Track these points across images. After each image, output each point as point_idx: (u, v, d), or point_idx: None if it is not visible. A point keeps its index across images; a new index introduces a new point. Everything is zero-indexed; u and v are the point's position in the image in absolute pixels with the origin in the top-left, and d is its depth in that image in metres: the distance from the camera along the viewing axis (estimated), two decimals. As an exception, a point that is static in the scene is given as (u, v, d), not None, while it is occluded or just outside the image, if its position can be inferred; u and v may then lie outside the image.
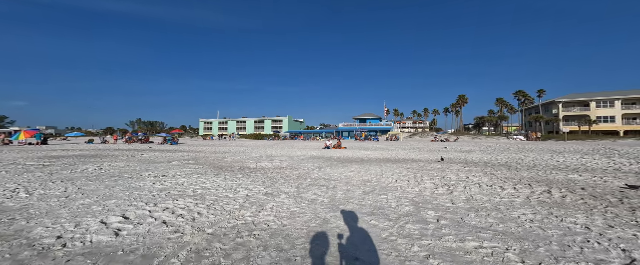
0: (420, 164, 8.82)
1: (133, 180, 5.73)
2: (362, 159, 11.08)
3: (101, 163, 9.65)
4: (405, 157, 11.78)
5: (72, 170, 7.60)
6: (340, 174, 6.44)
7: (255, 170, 7.12)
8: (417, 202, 3.69)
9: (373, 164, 8.88)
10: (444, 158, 10.86)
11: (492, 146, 20.41)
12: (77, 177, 6.37)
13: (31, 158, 11.86)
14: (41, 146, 25.65)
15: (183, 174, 6.48)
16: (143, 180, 5.58)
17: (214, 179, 5.63)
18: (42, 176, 6.61)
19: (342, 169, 7.43)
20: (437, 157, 11.34)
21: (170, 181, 5.41)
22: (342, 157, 12.09)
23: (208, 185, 4.96)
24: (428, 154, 13.08)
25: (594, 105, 48.04)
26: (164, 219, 3.09)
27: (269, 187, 4.77)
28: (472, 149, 16.46)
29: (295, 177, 5.88)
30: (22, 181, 5.88)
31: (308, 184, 4.99)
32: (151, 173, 6.72)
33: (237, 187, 4.81)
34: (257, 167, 7.80)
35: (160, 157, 12.56)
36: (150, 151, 17.05)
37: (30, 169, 8.09)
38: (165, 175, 6.19)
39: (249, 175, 6.14)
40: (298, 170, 7.06)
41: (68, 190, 4.78)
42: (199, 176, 6.07)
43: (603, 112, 47.39)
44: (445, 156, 11.75)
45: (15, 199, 4.21)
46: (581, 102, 49.36)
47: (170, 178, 5.87)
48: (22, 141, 30.39)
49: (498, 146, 19.95)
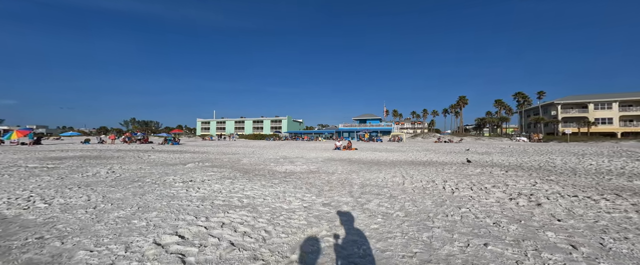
0: (453, 167, 8.40)
1: (159, 186, 5.15)
2: (385, 161, 10.63)
3: (110, 165, 8.99)
4: (428, 158, 11.37)
5: (83, 174, 6.96)
6: (384, 179, 5.90)
7: (287, 175, 6.55)
8: (514, 218, 3.05)
9: (404, 166, 8.43)
10: (469, 160, 10.51)
11: (505, 147, 20.21)
12: (92, 181, 5.75)
13: (31, 159, 11.09)
14: (34, 146, 24.58)
15: (211, 178, 5.89)
16: (172, 187, 5.01)
17: (251, 185, 5.08)
18: (52, 180, 5.97)
19: (378, 172, 6.90)
20: (459, 159, 10.97)
21: (204, 188, 4.85)
22: (361, 158, 11.63)
23: (249, 193, 4.43)
24: (447, 156, 12.71)
25: (592, 106, 48.68)
26: (229, 239, 2.56)
27: (319, 196, 4.24)
28: (488, 151, 16.18)
29: (338, 183, 5.36)
30: (31, 186, 5.25)
31: (360, 192, 4.48)
32: (175, 177, 6.13)
33: (283, 195, 4.28)
34: (285, 171, 7.24)
35: (169, 158, 11.91)
36: (154, 152, 16.32)
37: (35, 172, 7.41)
38: (192, 181, 5.61)
39: (286, 181, 5.60)
40: (334, 175, 6.50)
41: (91, 198, 4.19)
42: (231, 181, 5.50)
43: (601, 114, 48.07)
44: (462, 157, 11.40)
45: (34, 209, 3.62)
46: (579, 103, 49.97)
47: (200, 183, 5.30)
48: (14, 141, 29.16)
49: (511, 147, 19.74)
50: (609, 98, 47.69)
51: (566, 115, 50.37)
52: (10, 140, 28.95)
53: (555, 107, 51.46)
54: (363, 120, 78.57)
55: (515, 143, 31.53)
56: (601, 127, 47.03)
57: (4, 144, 28.49)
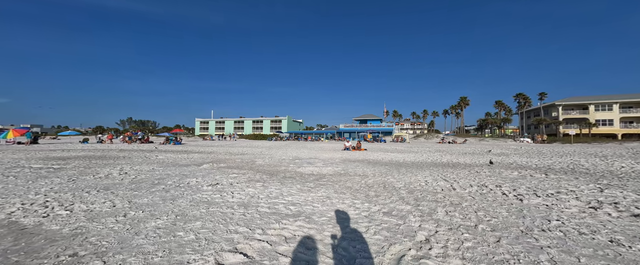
0: (483, 169, 8.04)
1: (186, 189, 4.71)
2: (405, 162, 10.26)
3: (120, 166, 8.49)
4: (447, 160, 11.02)
5: (95, 176, 6.48)
6: (427, 182, 5.41)
7: (317, 177, 6.05)
8: (633, 236, 2.62)
9: (432, 168, 8.03)
10: (492, 162, 10.18)
11: (517, 148, 19.95)
12: (109, 184, 5.29)
13: (33, 159, 10.53)
14: (31, 145, 23.86)
15: (239, 181, 5.41)
16: (200, 191, 4.56)
17: (288, 190, 4.62)
18: (63, 183, 5.50)
19: (413, 175, 6.40)
20: (480, 160, 10.64)
21: (238, 192, 4.39)
22: (378, 159, 11.25)
23: (291, 198, 3.99)
24: (465, 157, 12.38)
25: (593, 108, 48.91)
26: (306, 260, 2.15)
27: (371, 202, 3.75)
28: (503, 152, 15.90)
29: (380, 188, 4.82)
30: (43, 190, 4.78)
31: (413, 198, 4.00)
32: (197, 180, 5.68)
33: (330, 201, 3.82)
34: (312, 173, 6.77)
35: (178, 158, 11.43)
36: (160, 152, 15.79)
37: (41, 173, 6.91)
38: (218, 183, 5.17)
39: (321, 184, 5.11)
40: (367, 178, 6.00)
41: (116, 204, 3.75)
42: (263, 185, 5.04)
43: (601, 115, 48.30)
44: (485, 159, 11.07)
45: (55, 218, 3.18)
46: (580, 105, 50.19)
47: (229, 187, 4.85)
48: (10, 140, 28.34)
49: (523, 149, 19.49)
50: (609, 99, 47.94)
51: (567, 117, 50.55)
52: (6, 139, 28.12)
53: (556, 108, 51.64)
54: (363, 121, 78.25)
55: (521, 144, 31.41)
56: (602, 128, 47.26)
57: (0, 143, 27.69)
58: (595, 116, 48.75)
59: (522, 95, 55.94)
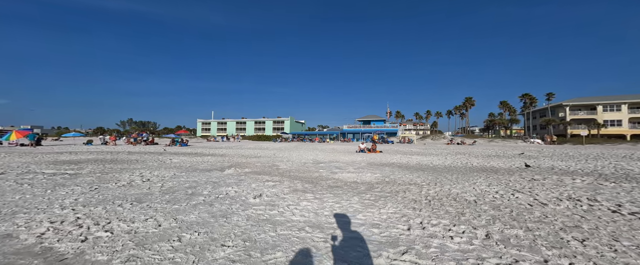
0: (526, 173, 7.52)
1: (229, 202, 4.15)
2: (437, 166, 9.72)
3: (138, 171, 7.96)
4: (479, 163, 10.47)
5: (117, 183, 5.95)
6: (500, 195, 4.68)
7: (368, 187, 5.35)
8: None
9: (476, 175, 7.44)
10: (529, 165, 9.66)
11: (535, 150, 19.40)
12: (138, 195, 4.75)
13: (42, 163, 9.99)
14: (35, 148, 23.32)
15: (282, 192, 4.80)
16: (248, 204, 3.99)
17: (348, 204, 3.97)
18: (86, 192, 4.97)
19: (469, 184, 5.71)
20: (512, 163, 10.10)
21: (294, 207, 3.79)
22: (404, 163, 10.70)
23: (363, 217, 3.33)
24: (493, 160, 11.83)
25: (601, 108, 48.39)
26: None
27: (467, 224, 3.12)
28: (528, 154, 15.37)
29: (450, 201, 4.20)
30: (67, 202, 4.25)
31: (510, 218, 3.29)
32: (236, 189, 5.13)
33: (414, 222, 3.18)
34: (354, 180, 6.11)
35: (194, 162, 10.88)
36: (170, 155, 15.26)
37: (57, 180, 6.38)
38: (261, 194, 4.63)
39: (379, 196, 4.44)
40: (422, 187, 5.28)
41: (160, 222, 3.20)
42: (316, 197, 4.41)
43: (610, 116, 47.79)
44: (518, 162, 10.54)
45: (97, 243, 2.64)
46: (588, 105, 49.68)
47: (278, 199, 4.26)
48: (13, 142, 27.83)
49: (544, 150, 18.94)
50: (618, 100, 47.44)
51: (574, 117, 50.04)
52: (9, 141, 27.61)
53: (563, 108, 51.14)
54: (367, 122, 77.67)
55: (533, 145, 30.89)
56: (610, 129, 46.73)
57: (2, 145, 27.19)
58: (604, 117, 48.23)
59: (528, 95, 55.44)
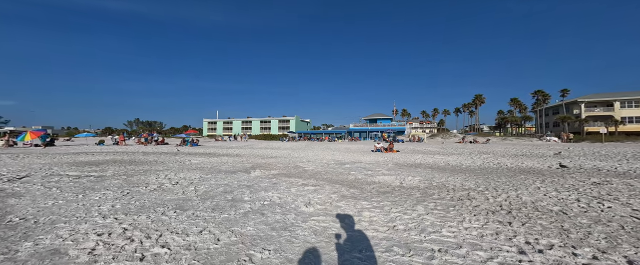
0: (573, 175, 7.03)
1: (281, 210, 3.80)
2: (471, 167, 9.26)
3: (164, 173, 7.70)
4: (513, 163, 9.96)
5: (147, 187, 5.68)
6: (580, 203, 4.20)
7: (423, 193, 4.85)
8: None
9: (521, 176, 7.00)
10: (564, 165, 9.13)
11: (560, 148, 18.66)
12: (178, 200, 4.44)
13: (61, 164, 9.84)
14: (51, 148, 23.49)
15: (330, 199, 4.39)
16: (304, 215, 3.62)
17: (418, 214, 3.56)
18: (119, 197, 4.70)
19: (524, 187, 5.29)
20: (544, 164, 9.58)
21: (356, 217, 3.43)
22: (433, 163, 10.26)
23: (448, 233, 2.93)
24: (521, 159, 11.29)
25: (618, 105, 46.84)
26: None
27: (588, 246, 2.61)
28: (548, 153, 14.73)
29: (532, 211, 3.73)
30: (104, 208, 3.97)
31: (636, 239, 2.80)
32: (277, 195, 4.79)
33: (519, 242, 2.72)
34: (399, 185, 5.68)
35: (214, 163, 10.62)
36: (186, 155, 15.08)
37: (84, 183, 6.16)
38: (310, 202, 4.25)
39: (447, 205, 4.03)
40: (480, 193, 4.81)
41: (218, 236, 2.86)
42: (371, 204, 4.07)
43: (628, 112, 46.20)
44: (553, 162, 10.00)
45: (157, 262, 2.33)
46: (604, 101, 48.13)
47: (333, 208, 3.91)
48: (27, 142, 28.20)
49: (569, 149, 18.20)
50: (636, 96, 45.79)
51: (590, 114, 48.55)
52: (24, 141, 27.98)
53: (578, 105, 49.67)
54: (373, 120, 76.94)
55: (551, 144, 29.97)
56: (629, 126, 45.20)
57: (17, 145, 27.56)
58: (621, 113, 46.66)
59: (541, 92, 53.99)
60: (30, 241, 2.84)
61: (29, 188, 5.72)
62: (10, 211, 4.07)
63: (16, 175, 7.35)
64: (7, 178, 6.84)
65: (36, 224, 3.40)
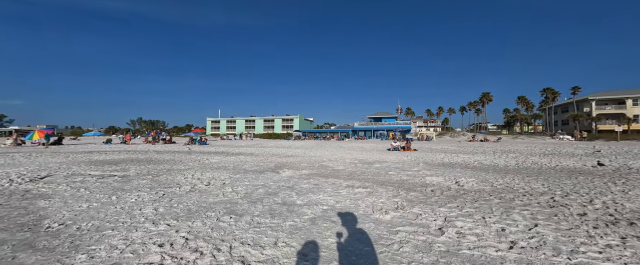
0: (630, 174, 6.56)
1: (350, 218, 3.39)
2: (508, 167, 8.83)
3: (190, 173, 7.32)
4: (549, 163, 9.50)
5: (179, 187, 5.31)
6: None
7: (502, 199, 4.29)
8: None
9: (575, 179, 6.57)
10: (602, 163, 8.66)
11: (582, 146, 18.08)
12: (221, 203, 4.05)
13: (81, 164, 9.48)
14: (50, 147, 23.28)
15: (399, 205, 3.91)
16: (391, 226, 3.17)
17: (521, 226, 3.06)
18: (157, 199, 4.32)
19: (630, 195, 4.53)
20: (581, 163, 9.11)
21: (451, 232, 2.90)
22: (463, 162, 9.82)
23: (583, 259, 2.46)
24: (552, 158, 10.81)
25: (631, 102, 45.88)
26: None
27: None
28: (575, 152, 14.21)
29: None
30: (148, 213, 3.59)
31: None
32: (327, 197, 4.38)
33: None
34: (465, 188, 5.18)
35: (235, 162, 10.23)
36: (199, 153, 14.74)
37: (112, 183, 5.80)
38: (383, 209, 3.79)
39: (552, 215, 3.47)
40: (580, 200, 4.18)
41: (300, 249, 2.47)
42: (463, 212, 3.56)
43: (640, 110, 45.32)
44: (588, 162, 9.53)
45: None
46: (616, 99, 47.19)
47: (413, 216, 3.45)
48: (35, 141, 28.08)
49: (595, 147, 17.63)
50: (649, 93, 44.87)
51: (601, 112, 47.65)
52: (32, 140, 27.85)
53: (589, 103, 48.77)
54: (378, 119, 76.32)
55: (565, 142, 29.36)
56: (642, 124, 44.32)
57: (25, 144, 27.44)
58: (633, 111, 45.72)
59: (550, 89, 53.12)
60: (82, 253, 2.46)
61: (55, 189, 5.38)
62: (45, 215, 3.71)
63: (37, 175, 7.01)
64: (28, 178, 6.51)
65: (80, 231, 3.03)
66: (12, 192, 5.05)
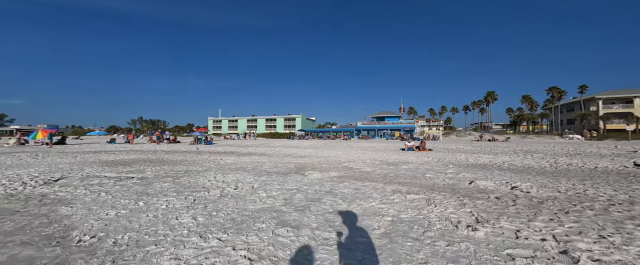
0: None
1: (432, 234, 2.96)
2: (542, 168, 8.40)
3: (213, 175, 6.89)
4: (581, 163, 9.08)
5: (209, 192, 4.88)
6: None
7: (593, 208, 3.70)
8: None
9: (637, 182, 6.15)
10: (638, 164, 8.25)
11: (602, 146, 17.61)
12: (266, 211, 3.63)
13: (92, 165, 9.05)
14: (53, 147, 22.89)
15: (481, 218, 3.32)
16: (496, 251, 2.75)
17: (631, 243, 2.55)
18: (190, 206, 3.90)
19: None
20: (616, 163, 8.69)
21: (571, 254, 2.40)
22: (501, 164, 9.39)
23: None
24: (589, 159, 10.38)
25: (638, 101, 45.40)
26: None
27: None
28: (603, 152, 13.77)
29: None
30: (187, 222, 3.17)
31: None
32: (386, 206, 3.99)
33: None
34: (527, 193, 4.66)
35: (248, 162, 9.81)
36: (209, 154, 14.33)
37: (132, 187, 5.38)
38: (471, 226, 3.28)
39: None
40: None
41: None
42: (581, 227, 2.98)
43: (648, 109, 44.75)
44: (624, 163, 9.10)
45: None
46: (624, 98, 46.67)
47: (508, 232, 2.91)
48: (39, 141, 27.68)
49: (618, 148, 17.15)
50: (657, 92, 44.34)
51: (608, 111, 47.14)
52: (35, 140, 27.45)
53: (595, 102, 48.25)
54: (381, 118, 75.85)
55: (576, 142, 28.91)
56: (650, 123, 43.76)
57: (28, 144, 27.07)
58: (641, 110, 45.26)
59: (556, 88, 52.61)
60: (131, 277, 2.05)
61: (73, 193, 4.96)
62: (71, 225, 3.29)
63: (50, 177, 6.60)
64: (41, 180, 6.09)
65: (118, 247, 2.60)
66: (27, 197, 4.63)
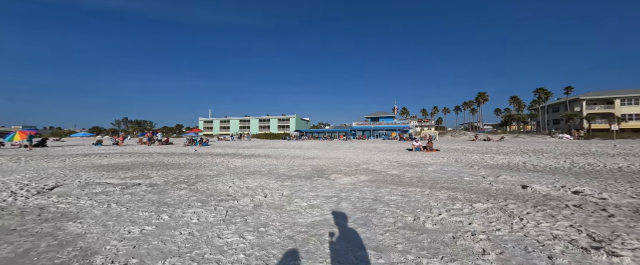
0: None
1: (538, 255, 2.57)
2: (560, 168, 8.28)
3: (231, 179, 6.26)
4: (593, 163, 9.06)
5: (238, 201, 4.30)
6: None
7: None
8: None
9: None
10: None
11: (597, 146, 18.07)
12: (322, 226, 3.11)
13: (86, 169, 8.15)
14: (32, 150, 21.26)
15: (578, 236, 3.08)
16: None
17: None
18: (230, 220, 3.33)
19: None
20: (630, 163, 8.75)
21: None
22: (506, 164, 9.22)
23: None
24: (600, 158, 10.44)
25: (619, 102, 47.76)
26: None
27: None
28: (608, 152, 14.05)
29: None
30: (242, 246, 2.61)
31: None
32: (457, 218, 3.54)
33: None
34: (597, 203, 4.45)
35: (258, 165, 9.18)
36: (211, 156, 13.54)
37: (143, 196, 4.70)
38: (575, 243, 2.99)
39: None
40: None
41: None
42: None
43: (628, 110, 47.15)
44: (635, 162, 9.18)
45: None
46: (605, 99, 49.01)
47: None
48: (16, 143, 25.64)
49: (616, 147, 17.62)
50: (636, 93, 46.81)
51: (591, 112, 49.39)
52: (12, 142, 25.40)
53: (579, 102, 50.44)
54: (375, 118, 76.25)
55: (566, 141, 29.89)
56: (630, 123, 46.17)
57: (4, 147, 25.07)
58: (621, 111, 47.63)
59: (543, 90, 54.49)
60: None
61: (76, 204, 4.24)
62: (87, 247, 2.65)
63: (42, 184, 5.76)
64: (33, 189, 5.27)
65: (164, 280, 2.03)
66: (22, 211, 3.89)
